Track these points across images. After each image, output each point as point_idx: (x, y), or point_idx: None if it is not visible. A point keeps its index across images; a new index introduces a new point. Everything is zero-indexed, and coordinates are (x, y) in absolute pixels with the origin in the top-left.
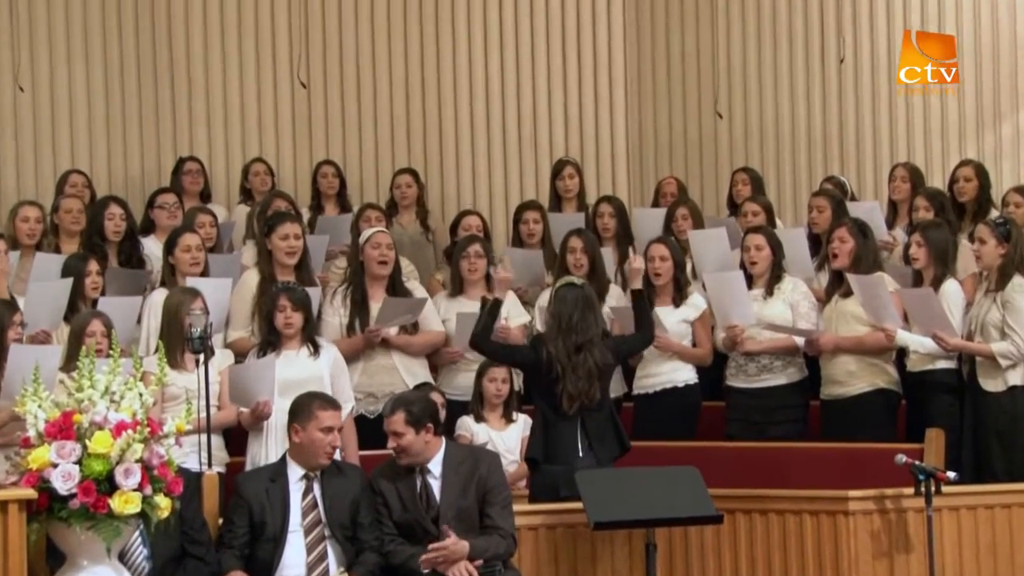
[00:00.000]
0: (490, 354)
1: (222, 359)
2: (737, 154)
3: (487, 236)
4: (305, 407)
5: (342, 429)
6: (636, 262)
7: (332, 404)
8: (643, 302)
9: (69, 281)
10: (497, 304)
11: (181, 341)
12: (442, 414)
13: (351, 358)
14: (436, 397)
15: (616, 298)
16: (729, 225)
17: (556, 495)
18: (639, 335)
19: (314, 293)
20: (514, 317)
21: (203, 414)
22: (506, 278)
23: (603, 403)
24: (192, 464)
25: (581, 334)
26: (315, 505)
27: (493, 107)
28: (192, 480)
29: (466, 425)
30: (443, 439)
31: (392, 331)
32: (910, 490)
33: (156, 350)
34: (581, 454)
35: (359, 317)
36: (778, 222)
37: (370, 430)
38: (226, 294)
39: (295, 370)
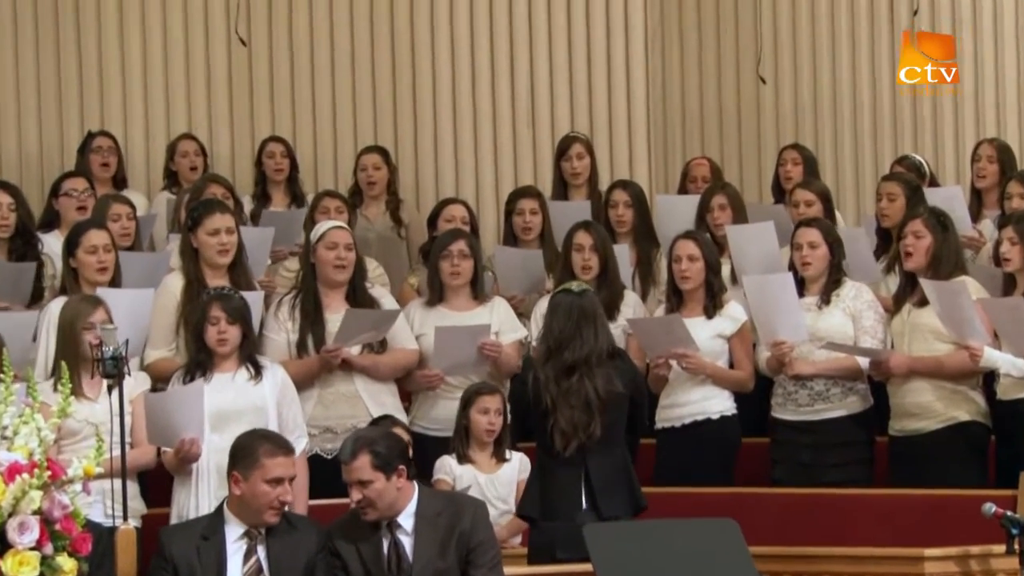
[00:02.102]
0: None
1: (135, 385)
2: (785, 129)
3: (474, 231)
4: (248, 451)
5: (294, 480)
6: (663, 367)
7: (283, 448)
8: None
9: None
10: None
11: (79, 362)
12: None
13: (303, 384)
14: (399, 433)
15: (633, 307)
16: (776, 217)
17: (552, 556)
18: (641, 421)
19: (255, 300)
20: (507, 332)
21: (116, 453)
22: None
23: (611, 444)
24: (97, 516)
25: (574, 352)
26: (259, 570)
27: (480, 70)
28: (104, 536)
29: (447, 467)
30: (415, 485)
31: (354, 350)
32: (1001, 547)
33: (53, 373)
34: (585, 507)
35: (312, 333)
36: (837, 214)
37: (327, 473)
38: (145, 306)
39: (230, 398)
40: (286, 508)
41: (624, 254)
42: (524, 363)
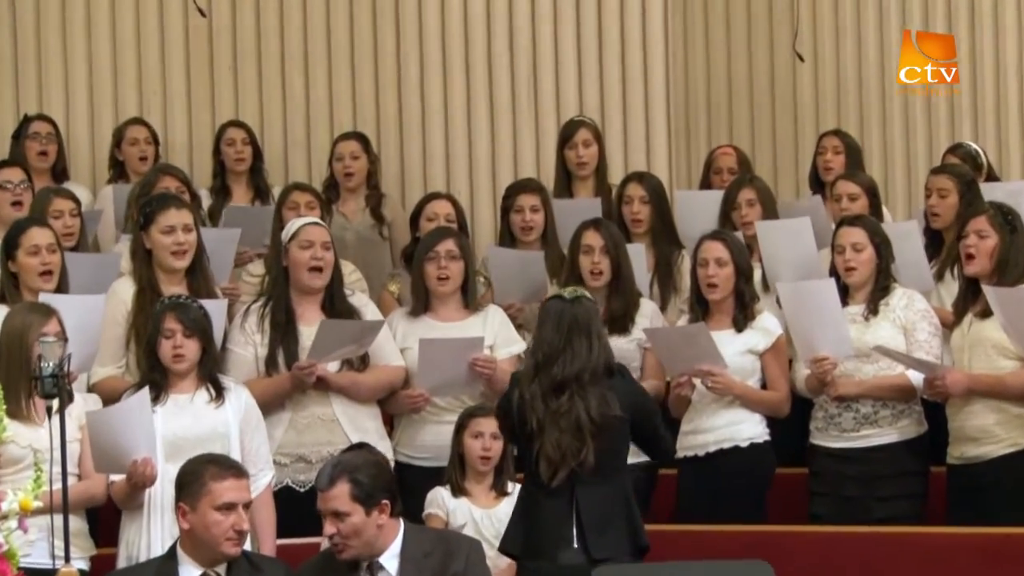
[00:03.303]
0: None
1: (85, 407)
2: (826, 113)
3: (464, 229)
4: (193, 477)
5: (250, 506)
6: (685, 386)
7: (233, 470)
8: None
9: None
10: None
11: (26, 381)
12: None
13: (272, 405)
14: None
15: (650, 318)
16: (814, 214)
17: None
18: (666, 440)
19: (217, 310)
20: (502, 346)
21: (57, 485)
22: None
23: (607, 474)
24: (41, 557)
25: (564, 367)
26: None
27: (475, 45)
28: None
29: (440, 500)
30: (401, 522)
31: (331, 367)
32: None
33: None
34: (575, 544)
35: (283, 347)
36: (884, 210)
37: (299, 508)
38: (96, 315)
39: (187, 423)
40: (248, 547)
41: (640, 257)
42: (511, 380)
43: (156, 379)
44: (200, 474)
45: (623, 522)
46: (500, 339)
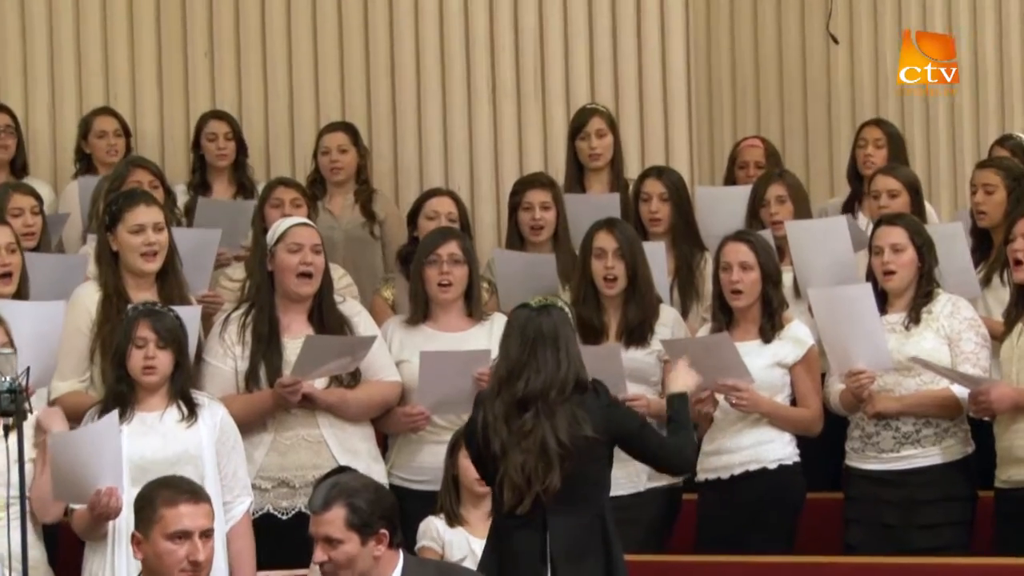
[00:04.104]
0: None
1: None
2: (864, 101)
3: (467, 229)
4: (146, 503)
5: (211, 534)
6: (678, 367)
7: (188, 493)
8: (684, 411)
9: None
10: None
11: None
12: None
13: (252, 425)
14: None
15: (671, 327)
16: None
17: None
18: (670, 448)
19: (189, 318)
20: None
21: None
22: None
23: (580, 501)
24: None
25: (528, 383)
26: None
27: (476, 28)
28: None
29: (434, 531)
30: (400, 554)
31: (319, 383)
32: None
33: None
34: None
35: (265, 361)
36: (929, 208)
37: (281, 537)
38: (55, 323)
39: (157, 444)
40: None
41: (659, 259)
42: (475, 401)
43: (123, 393)
44: (152, 499)
45: (599, 554)
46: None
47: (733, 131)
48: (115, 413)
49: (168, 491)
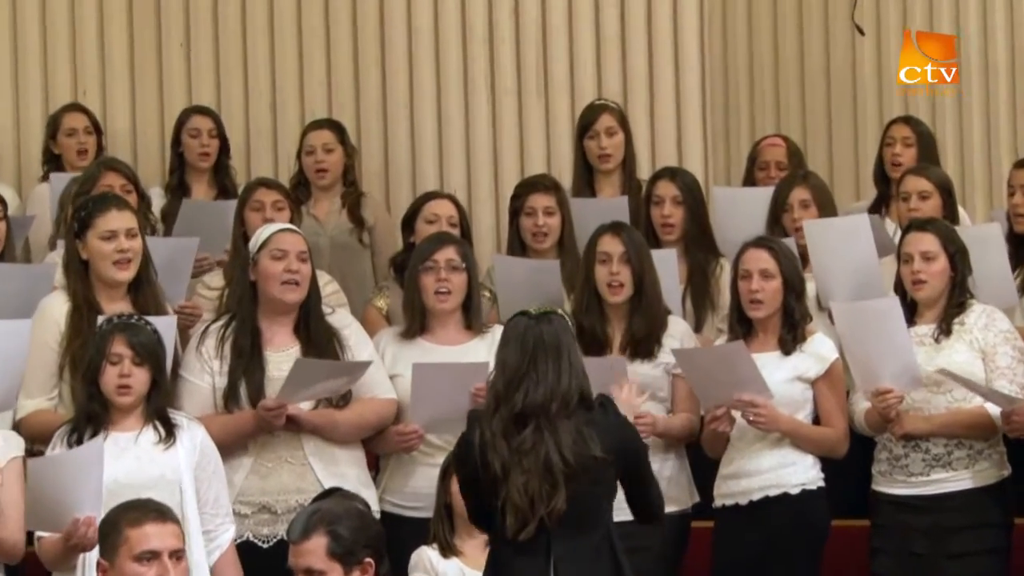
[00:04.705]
0: None
1: (5, 448)
2: (892, 97)
3: (468, 235)
4: (111, 527)
5: (181, 555)
6: (626, 391)
7: (155, 513)
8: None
9: None
10: None
11: None
12: None
13: (231, 447)
14: None
15: (681, 340)
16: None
17: None
18: (659, 493)
19: (166, 329)
20: None
21: None
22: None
23: (587, 524)
24: None
25: (527, 396)
26: None
27: (473, 17)
28: None
29: (426, 562)
30: None
31: (305, 405)
32: None
33: None
34: None
35: (247, 378)
36: (961, 212)
37: (262, 567)
38: (23, 339)
39: (132, 467)
40: None
41: (670, 267)
42: (469, 420)
43: (95, 412)
44: (116, 523)
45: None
46: None
47: (751, 129)
48: (100, 438)
49: (133, 512)
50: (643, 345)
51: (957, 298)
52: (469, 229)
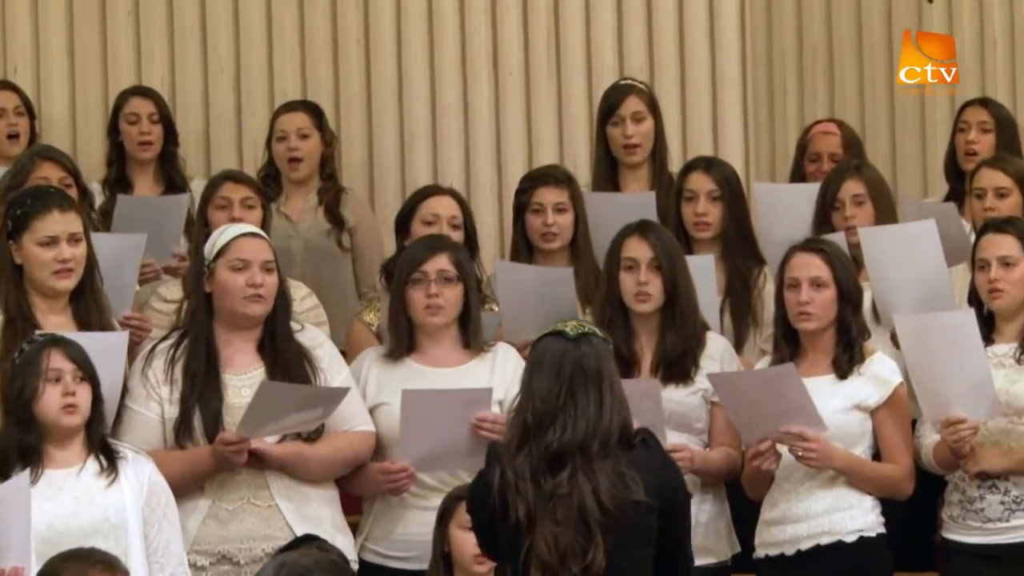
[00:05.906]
0: None
1: None
2: (966, 77)
3: (472, 237)
4: None
5: None
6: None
7: (102, 564)
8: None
9: None
10: None
11: None
12: None
13: (186, 487)
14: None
15: (720, 359)
16: (943, 215)
17: None
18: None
19: (116, 347)
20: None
21: None
22: None
23: None
24: None
25: (564, 433)
26: None
27: None
28: None
29: None
30: None
31: (270, 438)
32: None
33: None
34: None
35: (201, 405)
36: None
37: None
38: None
39: (70, 509)
40: None
41: (707, 274)
42: (488, 455)
43: (31, 444)
44: (57, 573)
45: None
46: (514, 391)
47: (800, 114)
48: (25, 474)
49: (76, 563)
50: (677, 367)
51: None
52: (475, 230)
